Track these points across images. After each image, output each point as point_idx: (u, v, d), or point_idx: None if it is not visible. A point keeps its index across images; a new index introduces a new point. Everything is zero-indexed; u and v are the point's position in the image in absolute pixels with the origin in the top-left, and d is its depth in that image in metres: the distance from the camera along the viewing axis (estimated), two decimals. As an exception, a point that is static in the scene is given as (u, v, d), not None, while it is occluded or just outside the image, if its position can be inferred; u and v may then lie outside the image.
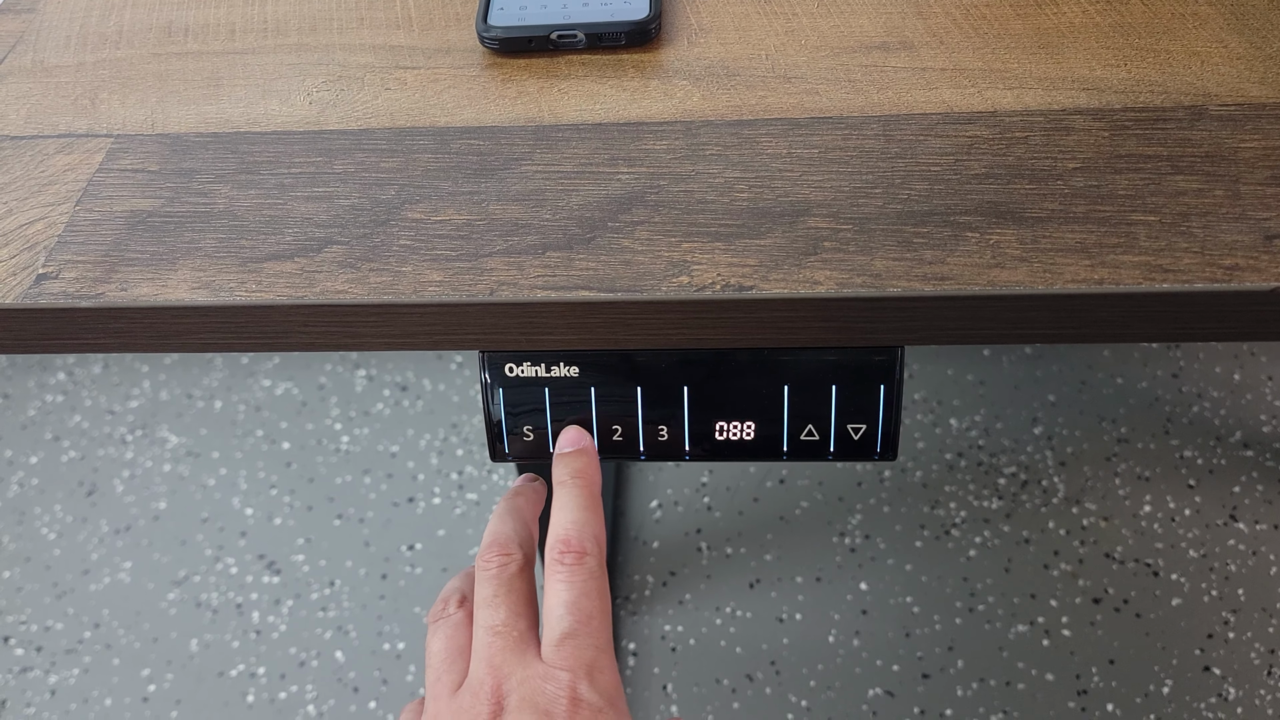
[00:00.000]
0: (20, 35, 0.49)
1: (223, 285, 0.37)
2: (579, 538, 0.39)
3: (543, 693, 0.36)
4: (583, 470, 0.41)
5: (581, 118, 0.43)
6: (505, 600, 0.39)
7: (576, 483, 0.40)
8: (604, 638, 0.38)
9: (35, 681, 1.06)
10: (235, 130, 0.43)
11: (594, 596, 0.38)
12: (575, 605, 0.38)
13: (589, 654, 0.37)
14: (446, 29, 0.47)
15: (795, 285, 0.36)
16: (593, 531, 0.39)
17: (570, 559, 0.38)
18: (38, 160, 0.43)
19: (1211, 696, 0.99)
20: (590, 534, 0.39)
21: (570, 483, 0.40)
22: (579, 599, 0.38)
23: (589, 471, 0.41)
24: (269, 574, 1.13)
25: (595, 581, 0.38)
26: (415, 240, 0.38)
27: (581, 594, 0.38)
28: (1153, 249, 0.35)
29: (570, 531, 0.39)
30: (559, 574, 0.38)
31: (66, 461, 1.24)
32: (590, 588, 0.38)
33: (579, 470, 0.41)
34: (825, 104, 0.42)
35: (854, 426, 0.39)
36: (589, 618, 0.37)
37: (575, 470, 0.41)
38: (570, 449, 0.41)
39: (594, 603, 0.38)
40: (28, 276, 0.38)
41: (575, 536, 0.39)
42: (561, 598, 0.38)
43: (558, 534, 0.39)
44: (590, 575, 0.38)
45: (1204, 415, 1.20)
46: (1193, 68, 0.42)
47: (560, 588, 0.38)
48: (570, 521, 0.39)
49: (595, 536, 0.39)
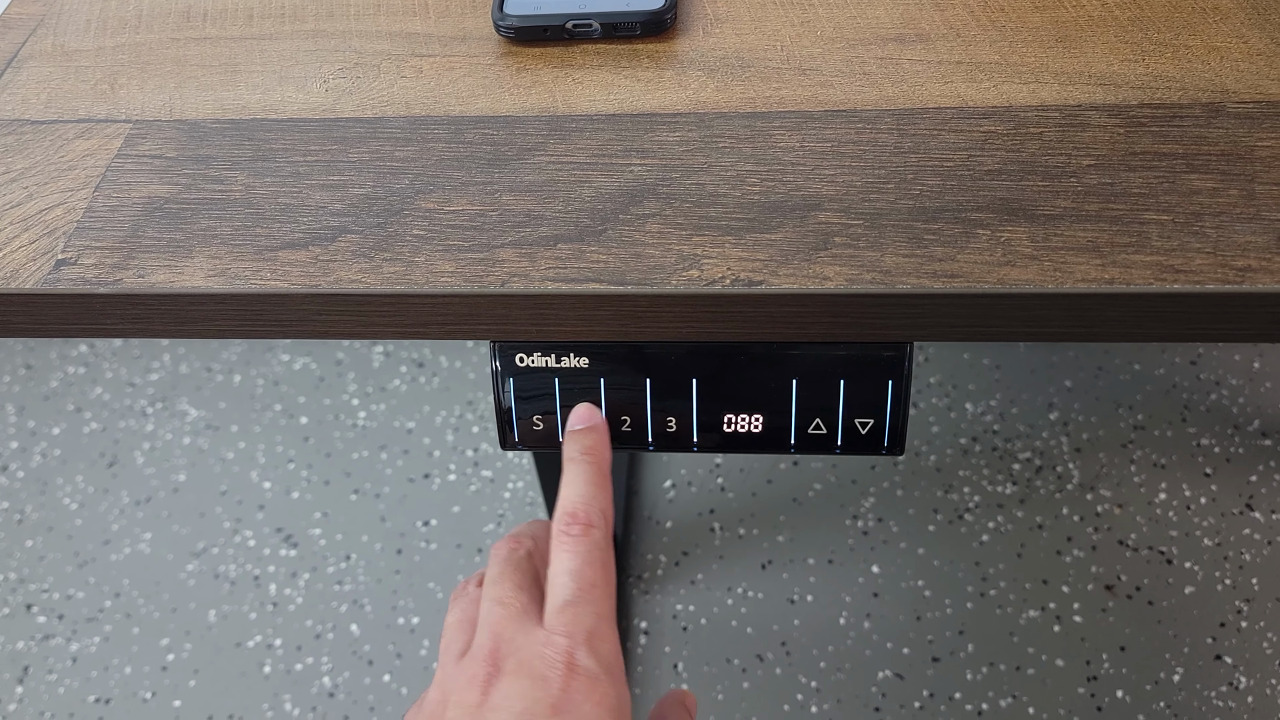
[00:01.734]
0: (41, 19, 0.50)
1: (238, 273, 0.38)
2: (586, 511, 0.39)
3: (540, 657, 0.36)
4: (592, 447, 0.41)
5: (595, 108, 0.43)
6: (511, 576, 0.40)
7: (586, 459, 0.41)
8: (605, 606, 0.38)
9: (57, 649, 1.08)
10: (252, 117, 0.44)
11: (598, 566, 0.38)
12: (578, 573, 0.38)
13: (589, 621, 0.37)
14: (462, 17, 0.47)
15: (805, 281, 0.36)
16: (600, 506, 0.40)
17: (577, 529, 0.39)
18: (58, 145, 0.43)
19: (1222, 685, 0.99)
20: (597, 508, 0.39)
21: (580, 459, 0.41)
22: (582, 567, 0.38)
23: (599, 448, 0.41)
24: (286, 547, 1.14)
25: (600, 552, 0.39)
26: (428, 230, 0.39)
27: (585, 563, 0.38)
28: (1165, 249, 0.35)
29: (578, 505, 0.39)
30: (564, 544, 0.39)
31: (88, 433, 1.26)
32: (594, 558, 0.38)
33: (589, 447, 0.41)
34: (839, 97, 0.42)
35: (862, 421, 0.40)
36: (591, 585, 0.38)
37: (585, 447, 0.41)
38: (580, 426, 0.41)
39: (597, 572, 0.38)
40: (47, 261, 0.39)
41: (583, 510, 0.39)
42: (565, 565, 0.38)
43: (565, 508, 0.40)
44: (595, 546, 0.39)
45: (1222, 403, 1.19)
46: (1211, 64, 0.41)
47: (565, 556, 0.38)
48: (578, 495, 0.40)
49: (602, 511, 0.40)
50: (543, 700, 0.35)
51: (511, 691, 0.36)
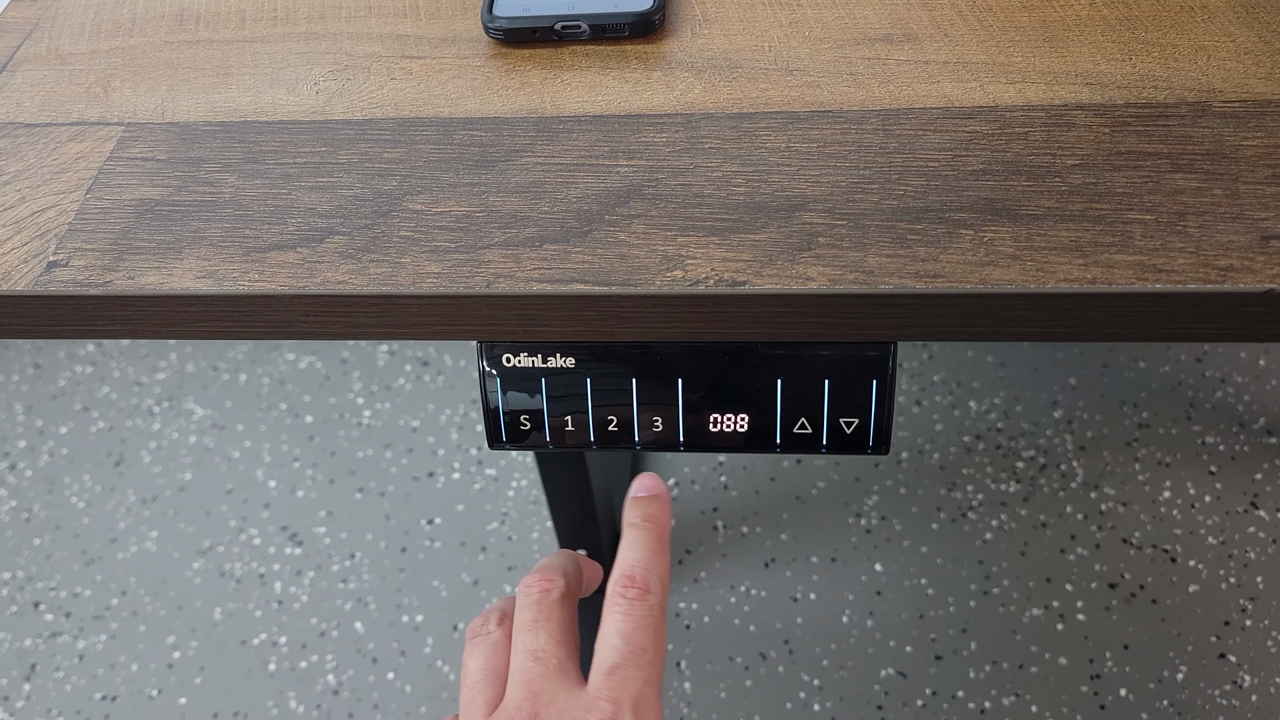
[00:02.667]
0: (36, 22, 0.50)
1: (226, 275, 0.38)
2: (644, 575, 0.38)
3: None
4: (655, 515, 0.41)
5: (583, 109, 0.43)
6: (545, 626, 0.38)
7: (647, 525, 0.40)
8: (654, 673, 0.37)
9: (64, 646, 1.09)
10: (243, 119, 0.44)
11: (650, 632, 0.37)
12: (630, 637, 0.37)
13: (636, 687, 0.36)
14: (452, 19, 0.48)
15: (788, 281, 0.36)
16: (658, 573, 0.39)
17: (634, 593, 0.38)
18: (51, 148, 0.44)
19: (1226, 684, 0.99)
20: (655, 574, 0.38)
21: (641, 524, 0.40)
22: (635, 631, 0.37)
23: (660, 516, 0.41)
24: (291, 545, 1.15)
25: (653, 619, 0.37)
26: (415, 232, 0.39)
27: (638, 627, 0.37)
28: (1147, 248, 0.35)
29: (636, 569, 0.38)
30: (619, 606, 0.38)
31: (95, 432, 1.26)
32: (647, 623, 0.37)
33: (651, 514, 0.40)
34: (826, 97, 0.42)
35: (847, 420, 0.40)
36: (642, 650, 0.37)
37: (647, 514, 0.40)
38: (644, 494, 0.41)
39: (649, 637, 0.37)
40: (39, 264, 0.39)
41: (640, 574, 0.38)
42: (617, 627, 0.37)
43: (623, 569, 0.39)
44: (649, 611, 0.37)
45: (1227, 401, 1.19)
46: (1198, 62, 0.41)
47: (618, 618, 0.37)
48: (636, 560, 0.39)
49: (660, 578, 0.39)
50: None
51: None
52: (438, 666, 1.05)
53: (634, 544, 0.40)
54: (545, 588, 0.40)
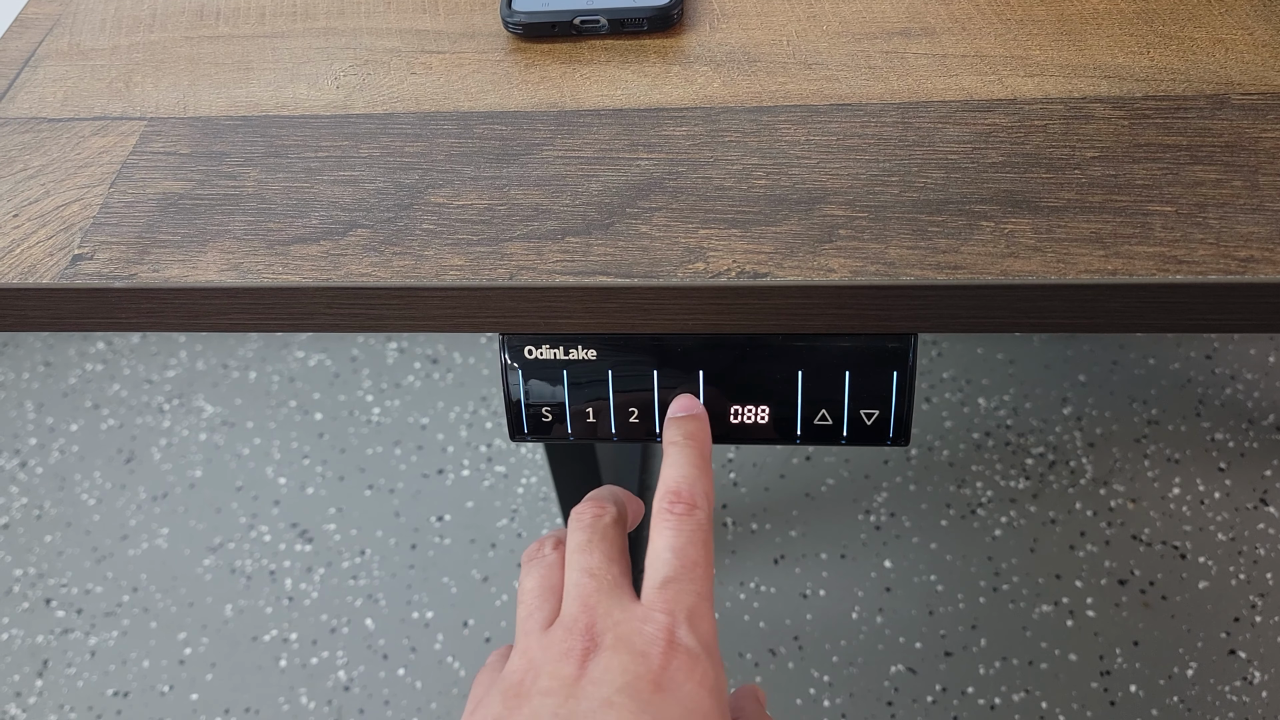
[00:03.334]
0: (57, 18, 0.51)
1: (250, 267, 0.38)
2: (690, 491, 0.38)
3: (640, 633, 0.35)
4: (695, 433, 0.40)
5: (603, 103, 0.43)
6: (599, 546, 0.39)
7: (689, 443, 0.40)
8: (706, 586, 0.37)
9: (76, 643, 1.09)
10: (264, 114, 0.44)
11: (700, 546, 0.37)
12: (681, 551, 0.37)
13: (690, 599, 0.36)
14: (471, 13, 0.48)
15: (809, 273, 0.36)
16: (703, 488, 0.39)
17: (681, 509, 0.38)
18: (74, 142, 0.44)
19: (1236, 680, 0.99)
20: (701, 490, 0.39)
21: (683, 442, 0.40)
22: (685, 546, 0.37)
23: (700, 434, 0.41)
24: (301, 542, 1.15)
25: (702, 533, 0.38)
26: (438, 225, 0.39)
27: (689, 541, 0.37)
28: (1168, 240, 0.35)
29: (682, 485, 0.38)
30: (667, 522, 0.38)
31: (106, 430, 1.27)
32: (697, 537, 0.37)
33: (691, 432, 0.40)
34: (845, 91, 0.42)
35: (867, 412, 0.40)
36: (694, 564, 0.37)
37: (688, 432, 0.40)
38: (683, 413, 0.41)
39: (699, 551, 0.37)
40: (64, 257, 0.39)
41: (686, 489, 0.38)
42: (668, 541, 0.37)
43: (668, 486, 0.39)
44: (698, 526, 0.38)
45: (1237, 397, 1.19)
46: (1216, 55, 0.41)
47: (668, 533, 0.37)
48: (681, 476, 0.39)
49: (705, 493, 0.39)
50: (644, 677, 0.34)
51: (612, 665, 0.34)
52: (448, 662, 1.05)
53: (678, 461, 0.39)
54: (597, 513, 0.40)
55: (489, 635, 1.07)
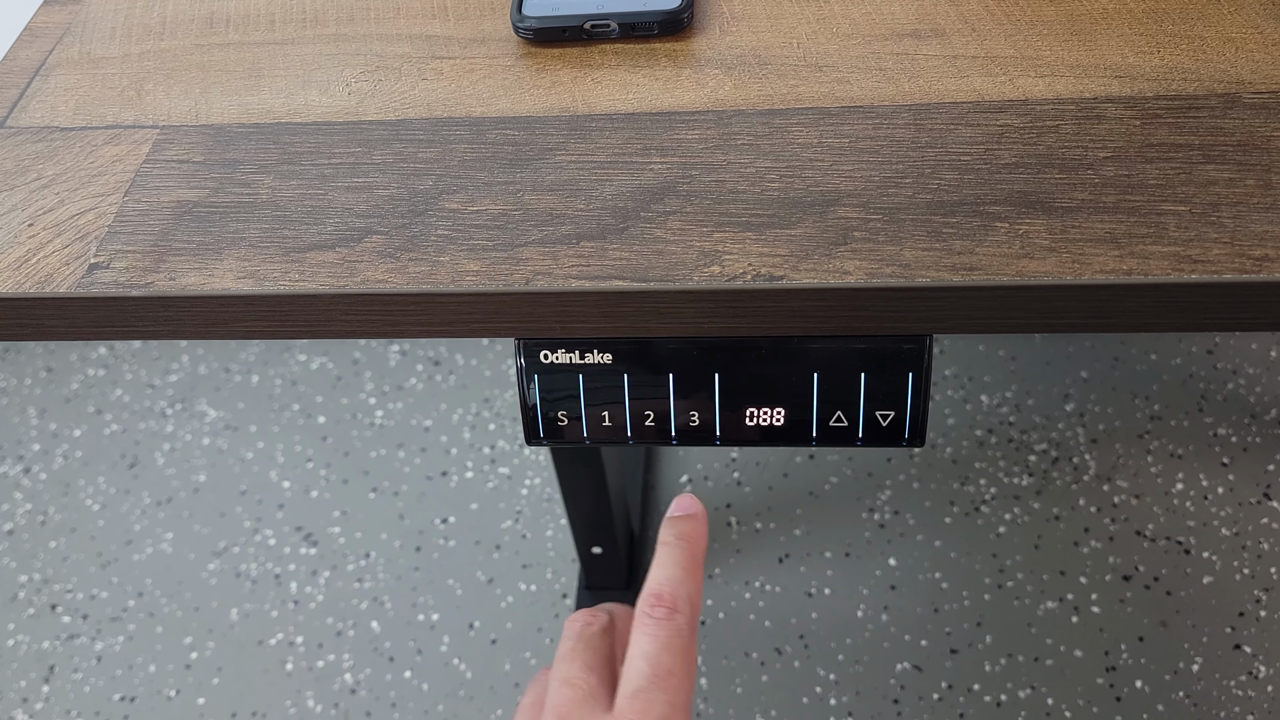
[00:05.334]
0: (68, 27, 0.51)
1: (267, 275, 0.38)
2: (672, 594, 0.38)
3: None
4: (688, 533, 0.40)
5: (615, 107, 0.43)
6: (581, 655, 0.39)
7: (680, 544, 0.40)
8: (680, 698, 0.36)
9: (82, 648, 1.09)
10: (277, 121, 0.44)
11: (676, 654, 0.37)
12: (655, 659, 0.37)
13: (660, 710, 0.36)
14: (481, 19, 0.48)
15: (825, 275, 0.36)
16: (686, 592, 0.38)
17: (660, 613, 0.37)
18: (87, 151, 0.44)
19: (1241, 674, 0.99)
20: (684, 594, 0.38)
21: (674, 543, 0.40)
22: (660, 653, 0.37)
23: (694, 535, 0.40)
24: (306, 545, 1.15)
25: (680, 640, 0.37)
26: (453, 230, 0.39)
27: (664, 649, 0.37)
28: (1182, 239, 0.35)
29: (664, 587, 0.38)
30: (645, 626, 0.37)
31: (109, 435, 1.27)
32: (674, 645, 0.37)
33: (684, 533, 0.40)
34: (856, 93, 0.42)
35: (883, 413, 0.40)
36: (668, 673, 0.36)
37: (680, 532, 0.40)
38: (680, 513, 0.41)
39: (675, 660, 0.37)
40: (80, 266, 0.39)
41: (668, 593, 0.38)
42: (643, 649, 0.37)
43: (651, 588, 0.38)
44: (676, 633, 0.37)
45: (1239, 392, 1.19)
46: (1227, 54, 0.42)
47: (644, 640, 0.37)
48: (666, 578, 0.39)
49: (689, 597, 0.38)
50: None
51: None
52: (454, 664, 1.06)
53: (664, 562, 0.39)
54: (587, 621, 0.40)
55: (494, 637, 1.07)
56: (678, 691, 0.36)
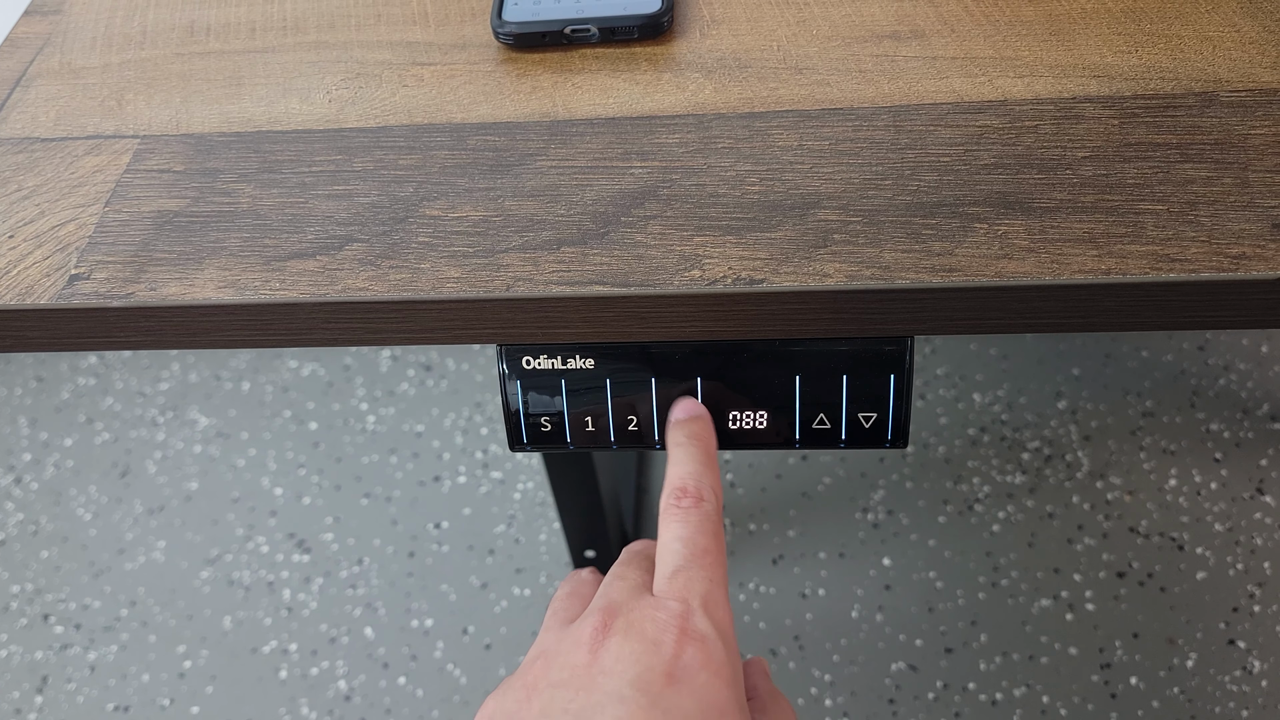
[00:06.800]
0: (48, 37, 0.51)
1: (248, 284, 0.38)
2: (696, 485, 0.38)
3: (653, 620, 0.34)
4: (699, 432, 0.41)
5: (595, 112, 0.43)
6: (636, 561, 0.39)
7: (693, 442, 0.40)
8: (719, 573, 0.36)
9: (75, 658, 1.09)
10: (257, 129, 0.44)
11: (710, 535, 0.37)
12: (690, 540, 0.37)
13: (702, 586, 0.36)
14: (462, 24, 0.48)
15: (805, 278, 0.36)
16: (710, 482, 0.39)
17: (688, 502, 0.38)
18: (68, 162, 0.44)
19: (1236, 670, 1.00)
20: (708, 483, 0.39)
21: (686, 442, 0.40)
22: (694, 535, 0.37)
23: (705, 434, 0.41)
24: (299, 552, 1.15)
25: (711, 523, 0.38)
26: (433, 237, 0.39)
27: (697, 531, 0.37)
28: (1160, 238, 0.36)
29: (688, 480, 0.39)
30: (675, 515, 0.38)
31: (100, 443, 1.27)
32: (706, 527, 0.37)
33: (695, 432, 0.41)
34: (836, 95, 0.42)
35: (865, 415, 0.40)
36: (704, 552, 0.37)
37: (691, 433, 0.41)
38: (685, 416, 0.41)
39: (709, 539, 0.37)
40: (61, 277, 0.39)
41: (693, 484, 0.38)
42: (676, 533, 0.37)
43: (674, 483, 0.39)
44: (706, 517, 0.38)
45: (1230, 388, 1.19)
46: (1204, 53, 0.42)
47: (675, 526, 0.37)
48: (688, 473, 0.39)
49: (712, 486, 0.39)
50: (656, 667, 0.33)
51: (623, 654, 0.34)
52: (449, 670, 1.05)
53: (682, 459, 0.40)
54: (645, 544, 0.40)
55: (489, 642, 1.07)
56: (715, 568, 0.37)
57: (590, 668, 0.34)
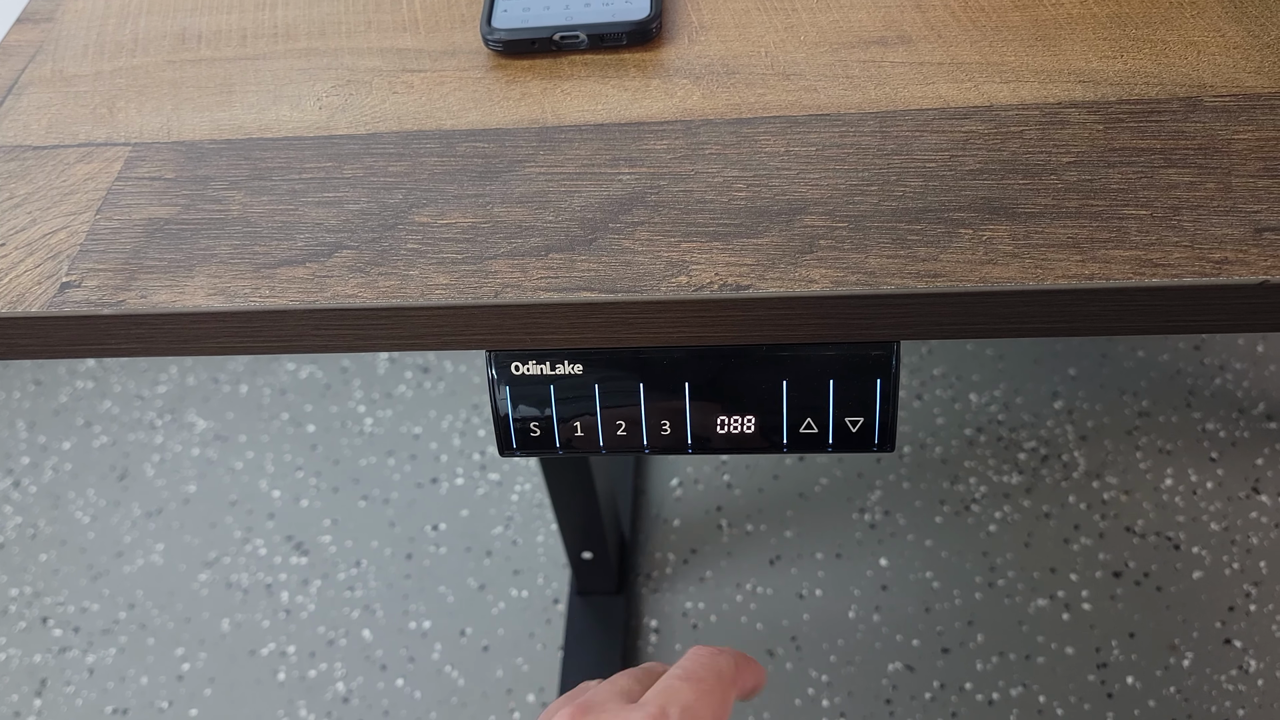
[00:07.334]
0: (40, 45, 0.51)
1: (238, 291, 0.39)
2: None
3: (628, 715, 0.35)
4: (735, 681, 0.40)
5: (584, 118, 0.43)
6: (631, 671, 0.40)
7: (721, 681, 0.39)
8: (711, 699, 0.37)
9: (73, 661, 1.09)
10: (248, 136, 0.45)
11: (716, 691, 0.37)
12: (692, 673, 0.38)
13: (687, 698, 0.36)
14: (452, 31, 0.48)
15: (791, 284, 0.36)
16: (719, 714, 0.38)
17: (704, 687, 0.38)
18: (59, 170, 0.44)
19: (1232, 669, 1.00)
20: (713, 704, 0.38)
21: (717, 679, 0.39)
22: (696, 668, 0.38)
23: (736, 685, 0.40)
24: (297, 555, 1.16)
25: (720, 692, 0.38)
26: (422, 244, 0.39)
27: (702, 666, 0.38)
28: (1143, 243, 0.36)
29: None
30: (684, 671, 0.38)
31: (98, 447, 1.27)
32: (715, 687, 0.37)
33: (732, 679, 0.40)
34: (823, 101, 0.43)
35: (852, 420, 0.40)
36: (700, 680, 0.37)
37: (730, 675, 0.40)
38: None
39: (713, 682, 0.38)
40: (52, 285, 0.40)
41: None
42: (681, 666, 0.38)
43: None
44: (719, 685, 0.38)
45: (1226, 387, 1.19)
46: (1189, 58, 0.42)
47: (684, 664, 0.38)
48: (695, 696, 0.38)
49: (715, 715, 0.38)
50: None
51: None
52: (446, 672, 1.06)
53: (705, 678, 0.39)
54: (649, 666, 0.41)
55: (486, 643, 1.07)
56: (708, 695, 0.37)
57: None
